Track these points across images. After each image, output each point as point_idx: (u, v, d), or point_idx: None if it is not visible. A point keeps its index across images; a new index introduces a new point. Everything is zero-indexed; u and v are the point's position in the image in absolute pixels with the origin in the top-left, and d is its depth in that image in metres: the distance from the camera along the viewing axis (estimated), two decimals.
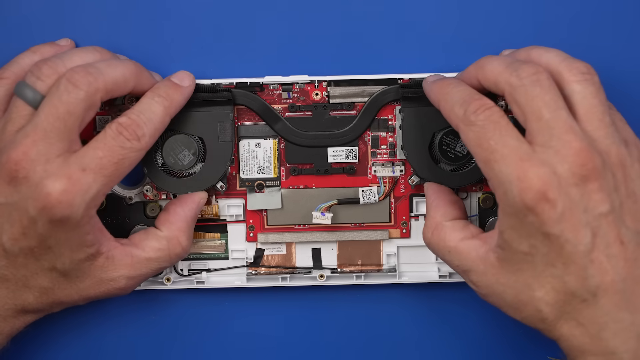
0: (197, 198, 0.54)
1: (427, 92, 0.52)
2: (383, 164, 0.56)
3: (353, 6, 0.56)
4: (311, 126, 0.55)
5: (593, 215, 0.44)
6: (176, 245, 0.53)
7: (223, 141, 0.54)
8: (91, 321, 0.58)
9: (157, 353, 0.58)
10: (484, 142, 0.46)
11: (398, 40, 0.56)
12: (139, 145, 0.49)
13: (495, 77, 0.47)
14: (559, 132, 0.45)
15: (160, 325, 0.58)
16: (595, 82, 0.47)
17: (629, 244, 0.45)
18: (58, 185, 0.46)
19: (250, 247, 0.57)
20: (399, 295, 0.58)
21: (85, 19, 0.56)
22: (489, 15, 0.56)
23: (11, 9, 0.56)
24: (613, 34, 0.56)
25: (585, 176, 0.44)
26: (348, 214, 0.56)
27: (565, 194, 0.44)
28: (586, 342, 0.45)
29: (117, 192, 0.56)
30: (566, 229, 0.44)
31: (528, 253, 0.45)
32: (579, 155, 0.44)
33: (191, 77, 0.53)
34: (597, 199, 0.44)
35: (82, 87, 0.48)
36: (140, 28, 0.56)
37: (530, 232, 0.45)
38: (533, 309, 0.46)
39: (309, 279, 0.57)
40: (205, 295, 0.58)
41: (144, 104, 0.50)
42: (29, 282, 0.50)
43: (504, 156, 0.45)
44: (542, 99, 0.45)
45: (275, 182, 0.56)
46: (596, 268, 0.44)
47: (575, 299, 0.45)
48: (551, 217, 0.44)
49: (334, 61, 0.56)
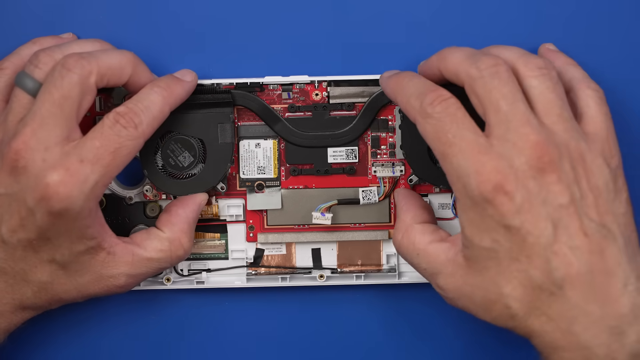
0: (198, 199, 0.54)
1: (383, 88, 0.52)
2: (383, 164, 0.56)
3: (353, 7, 0.56)
4: (311, 126, 0.55)
5: (553, 207, 0.44)
6: (178, 247, 0.53)
7: (223, 142, 0.54)
8: (91, 321, 0.58)
9: (157, 353, 0.58)
10: (441, 135, 0.46)
11: (398, 40, 0.56)
12: (136, 133, 0.48)
13: (456, 67, 0.47)
14: (516, 124, 0.45)
15: (160, 325, 0.58)
16: (553, 77, 0.47)
17: (593, 236, 0.44)
18: (56, 177, 0.46)
19: (250, 247, 0.57)
20: (399, 295, 0.58)
21: (87, 19, 0.56)
22: (489, 15, 0.56)
23: (15, 4, 0.56)
24: (609, 32, 0.56)
25: (543, 168, 0.44)
26: (348, 214, 0.56)
27: (523, 186, 0.44)
28: (558, 337, 0.45)
29: (117, 192, 0.56)
30: (526, 221, 0.44)
31: (491, 249, 0.45)
32: (536, 148, 0.44)
33: (193, 74, 0.53)
34: (555, 190, 0.44)
35: (76, 70, 0.48)
36: (141, 28, 0.56)
37: (491, 226, 0.45)
38: (502, 306, 0.46)
39: (308, 279, 0.57)
40: (205, 296, 0.58)
41: (142, 93, 0.50)
42: (28, 276, 0.50)
43: (462, 149, 0.45)
44: (500, 91, 0.45)
45: (275, 182, 0.56)
46: (560, 260, 0.44)
47: (543, 292, 0.45)
48: (510, 209, 0.44)
49: (334, 62, 0.56)
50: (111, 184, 0.56)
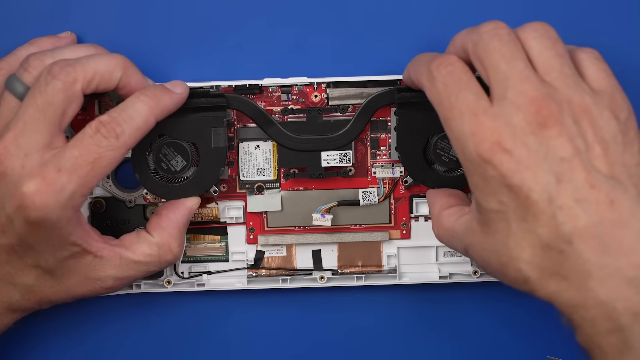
0: (189, 204, 0.53)
1: (404, 78, 0.51)
2: (383, 165, 0.56)
3: (352, 8, 0.56)
4: (305, 130, 0.55)
5: (554, 161, 0.43)
6: (167, 252, 0.52)
7: (216, 147, 0.53)
8: (92, 323, 0.58)
9: (157, 355, 0.58)
10: (444, 99, 0.45)
11: (397, 41, 0.56)
12: (117, 144, 0.48)
13: (462, 41, 0.47)
14: (514, 82, 0.44)
15: (161, 328, 0.58)
16: (552, 36, 0.46)
17: (601, 188, 0.43)
18: (32, 185, 0.46)
19: (251, 249, 0.57)
20: (400, 296, 0.58)
21: (87, 20, 0.56)
22: (489, 17, 0.56)
23: (15, 4, 0.56)
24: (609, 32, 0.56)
25: (542, 123, 0.43)
26: (348, 215, 0.56)
27: (521, 142, 0.43)
28: (574, 295, 0.43)
29: (117, 195, 0.56)
30: (527, 178, 0.43)
31: (499, 211, 0.44)
32: (533, 103, 0.44)
33: (184, 86, 0.52)
34: (557, 144, 0.43)
35: (60, 77, 0.47)
36: (140, 30, 0.56)
37: (495, 187, 0.44)
38: (514, 270, 0.45)
39: (309, 280, 0.57)
40: (205, 298, 0.58)
41: (128, 102, 0.49)
42: (14, 279, 0.49)
43: (461, 112, 0.45)
44: (499, 51, 0.45)
45: (275, 184, 0.56)
46: (566, 214, 0.43)
47: (552, 250, 0.43)
48: (510, 167, 0.43)
49: (333, 63, 0.56)
50: (111, 187, 0.56)
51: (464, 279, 0.56)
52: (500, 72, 0.45)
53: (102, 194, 0.56)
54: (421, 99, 0.52)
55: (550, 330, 0.58)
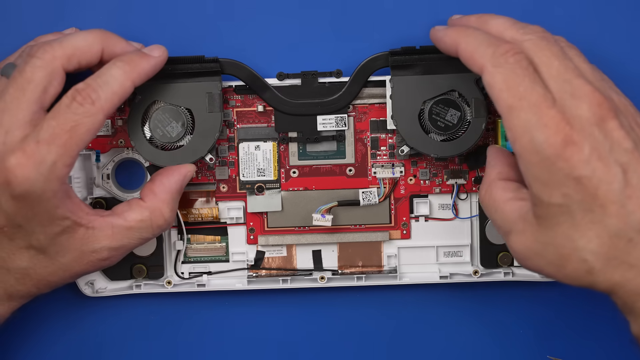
0: (183, 170, 0.53)
1: (439, 39, 0.50)
2: (383, 165, 0.56)
3: (352, 9, 0.56)
4: (300, 94, 0.55)
5: (619, 152, 0.44)
6: (159, 217, 0.52)
7: (212, 112, 0.53)
8: (91, 322, 0.58)
9: (157, 356, 0.58)
10: (512, 86, 0.46)
11: (397, 42, 0.56)
12: (93, 109, 0.47)
13: (501, 32, 0.48)
14: (570, 76, 0.45)
15: (161, 328, 0.58)
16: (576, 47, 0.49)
17: None
18: (14, 160, 0.46)
19: (251, 250, 0.57)
20: (400, 296, 0.58)
21: (86, 16, 0.56)
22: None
23: (15, 4, 0.56)
24: (609, 32, 0.56)
25: (604, 115, 0.45)
26: (348, 215, 0.56)
27: (589, 134, 0.44)
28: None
29: (117, 196, 0.56)
30: (597, 169, 0.44)
31: (563, 204, 0.45)
32: (594, 96, 0.45)
33: (162, 49, 0.52)
34: (619, 136, 0.45)
35: (39, 55, 0.48)
36: (140, 29, 0.56)
37: (560, 180, 0.44)
38: (577, 261, 0.45)
39: (309, 280, 0.57)
40: (206, 298, 0.58)
41: (104, 68, 0.49)
42: (7, 263, 0.49)
43: (531, 104, 0.45)
44: (550, 49, 0.46)
45: (275, 184, 0.56)
46: (635, 203, 0.44)
47: (621, 240, 0.44)
48: (580, 159, 0.44)
49: (332, 64, 0.56)
50: (111, 187, 0.56)
51: (464, 279, 0.56)
52: (553, 68, 0.46)
53: (102, 194, 0.56)
54: (415, 62, 0.52)
55: (551, 330, 0.58)
